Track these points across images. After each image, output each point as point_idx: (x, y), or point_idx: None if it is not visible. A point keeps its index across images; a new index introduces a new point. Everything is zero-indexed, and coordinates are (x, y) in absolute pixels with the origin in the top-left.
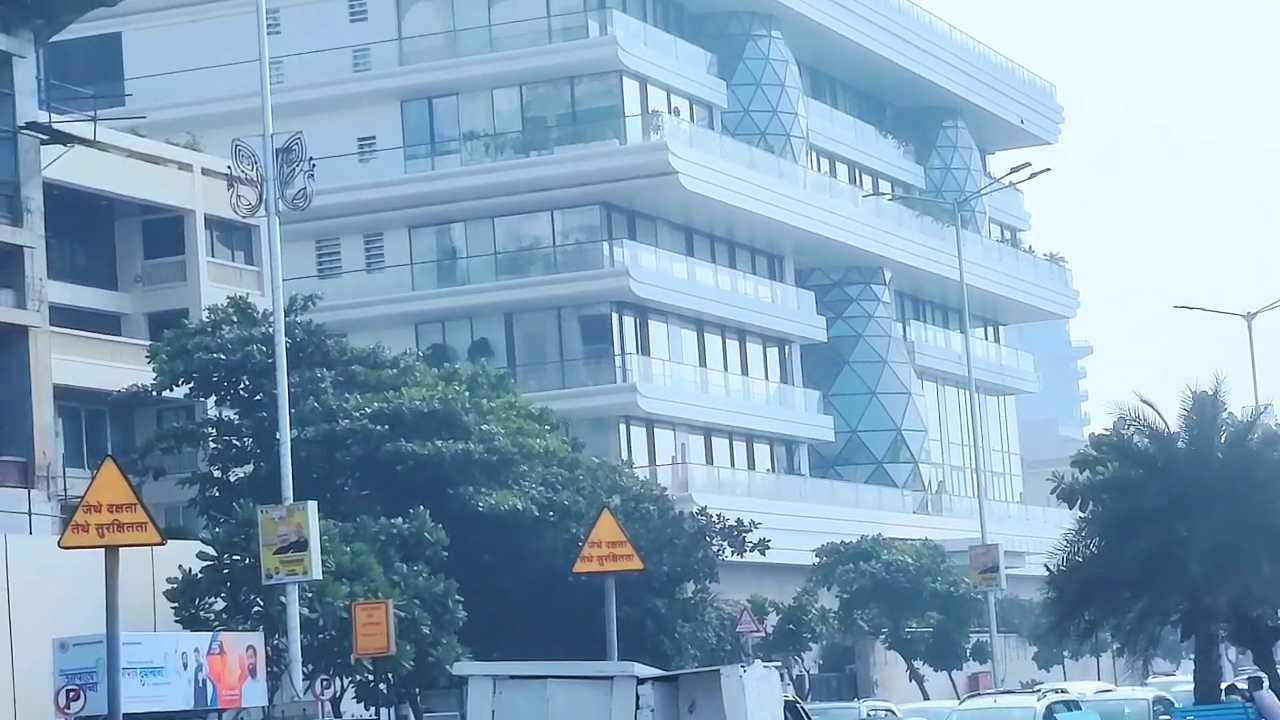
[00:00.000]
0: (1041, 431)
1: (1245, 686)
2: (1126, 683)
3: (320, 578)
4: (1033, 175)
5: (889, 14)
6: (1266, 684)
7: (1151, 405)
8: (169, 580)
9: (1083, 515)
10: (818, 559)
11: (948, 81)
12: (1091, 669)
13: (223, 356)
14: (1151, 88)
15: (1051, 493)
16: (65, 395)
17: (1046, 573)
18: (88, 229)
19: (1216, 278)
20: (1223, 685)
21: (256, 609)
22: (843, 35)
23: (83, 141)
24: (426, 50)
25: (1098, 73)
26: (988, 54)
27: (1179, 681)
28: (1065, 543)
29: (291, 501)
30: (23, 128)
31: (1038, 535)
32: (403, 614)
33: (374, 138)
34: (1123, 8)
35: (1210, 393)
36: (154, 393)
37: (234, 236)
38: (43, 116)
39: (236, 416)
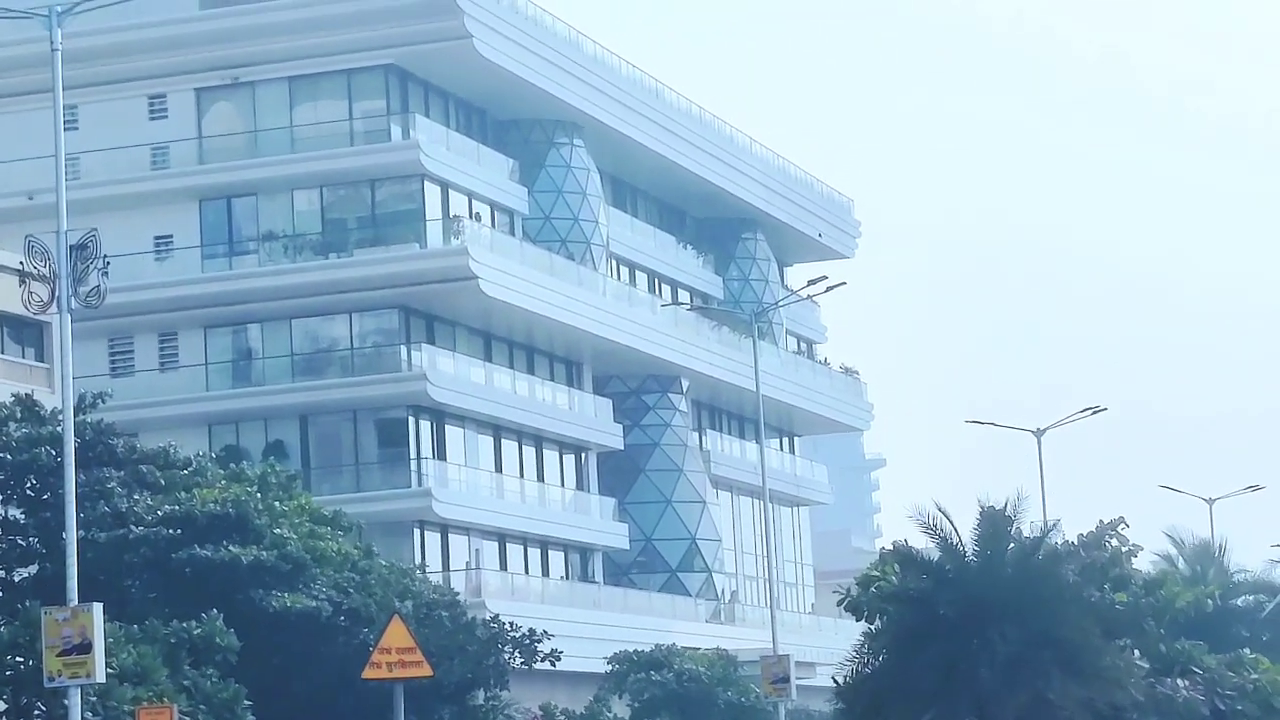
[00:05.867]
0: (834, 543)
1: None
2: None
3: (104, 680)
4: (829, 289)
5: (690, 125)
6: None
7: (946, 515)
8: None
9: (869, 628)
10: (610, 667)
11: (747, 194)
12: None
13: (8, 456)
14: (950, 205)
15: (839, 604)
16: None
17: (836, 685)
18: None
19: (1010, 392)
20: None
21: (38, 712)
22: (644, 145)
23: None
24: (226, 149)
25: (898, 188)
26: (787, 168)
27: None
28: (855, 654)
29: (76, 603)
30: None
31: (829, 646)
32: (188, 719)
33: (171, 236)
34: (922, 125)
35: (999, 508)
36: None
37: (24, 333)
38: None
39: (22, 516)
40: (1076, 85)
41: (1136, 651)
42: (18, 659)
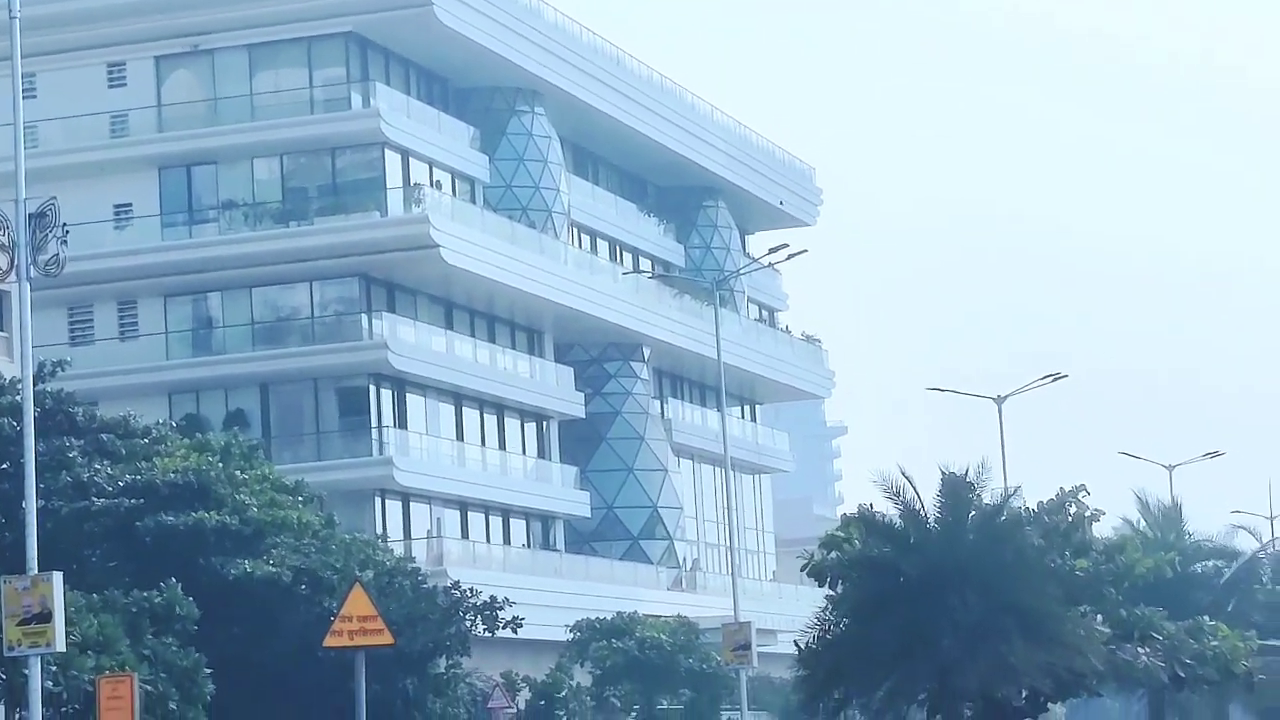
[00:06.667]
0: (796, 510)
1: None
2: None
3: (64, 650)
4: (790, 256)
5: (652, 93)
6: None
7: (910, 480)
8: None
9: (832, 593)
10: (572, 635)
11: (709, 162)
12: None
13: None
14: (910, 173)
15: (802, 569)
16: None
17: (797, 650)
18: None
19: (970, 359)
20: None
21: None
22: (605, 113)
23: None
24: (186, 117)
25: (860, 156)
26: (748, 135)
27: None
28: (816, 621)
29: (36, 572)
30: None
31: (790, 613)
32: (149, 688)
33: (130, 205)
34: (883, 93)
35: (961, 475)
36: None
37: None
38: None
39: None
40: (1039, 55)
41: (1098, 617)
42: None
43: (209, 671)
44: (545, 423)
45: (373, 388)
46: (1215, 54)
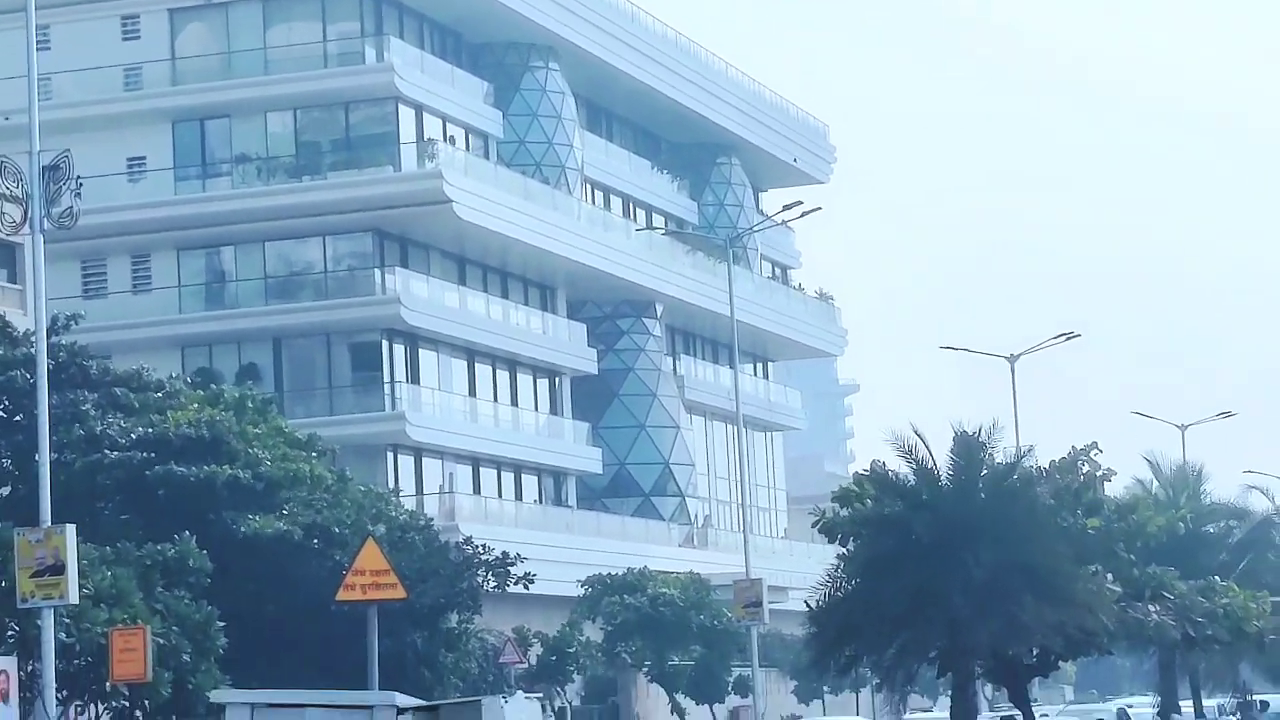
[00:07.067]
0: (807, 468)
1: None
2: (885, 717)
3: (77, 602)
4: (804, 214)
5: (666, 50)
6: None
7: (922, 439)
8: None
9: (844, 551)
10: (583, 591)
11: (723, 119)
12: (851, 704)
13: None
14: (925, 131)
15: (814, 526)
16: None
17: (808, 608)
18: None
19: (983, 318)
20: None
21: (11, 633)
22: (620, 69)
23: None
24: (200, 71)
25: (874, 113)
26: (762, 92)
27: (935, 718)
28: (827, 578)
29: (50, 524)
30: None
31: (801, 571)
32: (162, 640)
33: (144, 158)
34: (898, 52)
35: (974, 433)
36: None
37: None
38: None
39: None
40: (1059, 9)
41: (1109, 576)
42: None
43: (221, 625)
44: (558, 379)
45: (385, 343)
46: None
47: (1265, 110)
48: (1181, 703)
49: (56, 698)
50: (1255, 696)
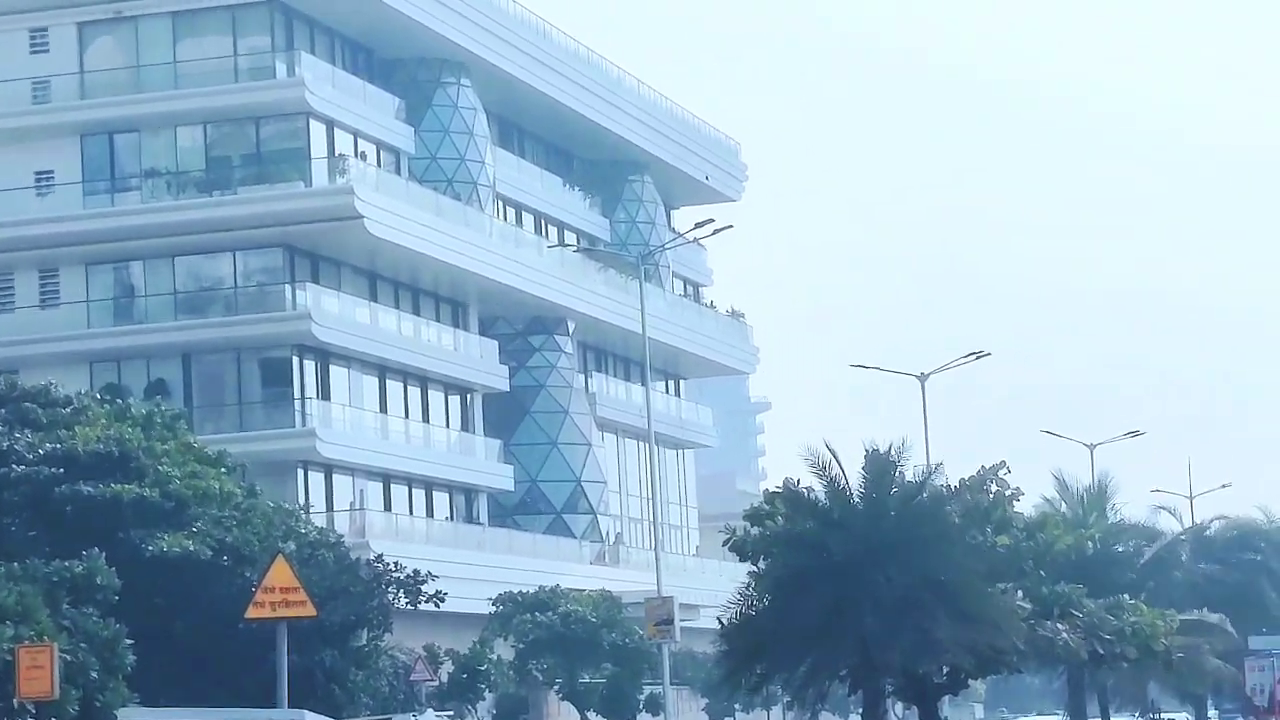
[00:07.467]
0: (719, 485)
1: None
2: None
3: None
4: (715, 231)
5: (578, 67)
6: None
7: (835, 456)
8: None
9: (755, 569)
10: (495, 608)
11: (634, 136)
12: None
13: None
14: (836, 150)
15: (724, 545)
16: None
17: (720, 626)
18: None
19: (895, 337)
20: None
21: None
22: (532, 86)
23: None
24: (109, 84)
25: (785, 132)
26: (675, 110)
27: None
28: (739, 596)
29: None
30: None
31: (713, 588)
32: (69, 658)
33: (52, 172)
34: (809, 70)
35: (884, 451)
36: None
37: None
38: None
39: None
40: (966, 21)
41: (1019, 594)
42: None
43: (130, 643)
44: (469, 396)
45: (296, 359)
46: None
47: (1170, 124)
48: None
49: None
50: (1163, 714)
